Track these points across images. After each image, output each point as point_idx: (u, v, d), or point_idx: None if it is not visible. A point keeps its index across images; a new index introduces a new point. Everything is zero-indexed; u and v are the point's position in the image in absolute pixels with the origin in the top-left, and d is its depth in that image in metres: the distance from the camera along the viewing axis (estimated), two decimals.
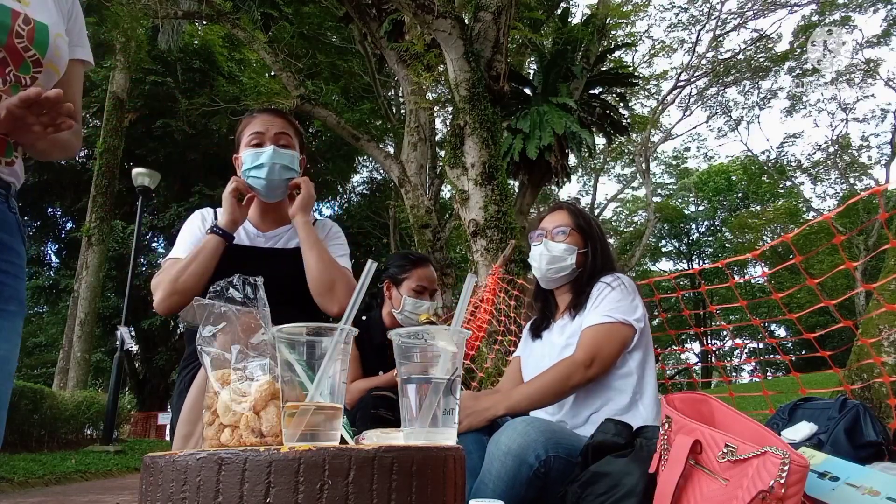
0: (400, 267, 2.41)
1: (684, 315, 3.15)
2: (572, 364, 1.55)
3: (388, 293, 2.43)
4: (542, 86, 11.16)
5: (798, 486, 0.99)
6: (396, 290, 2.39)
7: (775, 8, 17.08)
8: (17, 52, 1.10)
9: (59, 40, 1.17)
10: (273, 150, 1.65)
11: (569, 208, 1.85)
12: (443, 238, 9.20)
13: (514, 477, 1.37)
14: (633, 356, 1.63)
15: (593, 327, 1.59)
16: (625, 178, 26.37)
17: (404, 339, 0.89)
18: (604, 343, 1.57)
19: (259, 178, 1.65)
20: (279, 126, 1.69)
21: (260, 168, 1.65)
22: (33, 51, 1.12)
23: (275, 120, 1.70)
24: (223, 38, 16.26)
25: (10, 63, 1.09)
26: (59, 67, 1.19)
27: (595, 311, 1.63)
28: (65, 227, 19.64)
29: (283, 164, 1.66)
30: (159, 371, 18.51)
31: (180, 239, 1.71)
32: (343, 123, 10.00)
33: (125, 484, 6.47)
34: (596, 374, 1.55)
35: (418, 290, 2.35)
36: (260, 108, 1.91)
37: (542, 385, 1.56)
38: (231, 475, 0.71)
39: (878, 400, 1.95)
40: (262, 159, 1.64)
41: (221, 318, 0.89)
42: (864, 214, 17.29)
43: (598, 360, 1.55)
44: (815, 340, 2.14)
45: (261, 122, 1.69)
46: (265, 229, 1.76)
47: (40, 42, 1.12)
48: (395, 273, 2.41)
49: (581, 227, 1.79)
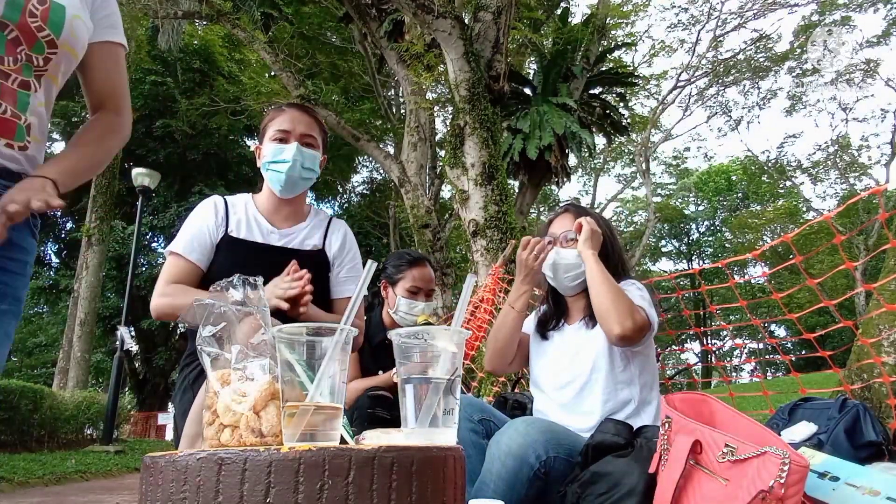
0: (396, 267, 2.37)
1: (684, 315, 3.16)
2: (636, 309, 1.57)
3: (385, 293, 2.41)
4: (542, 86, 11.15)
5: (798, 486, 0.99)
6: (392, 290, 2.36)
7: (775, 8, 17.07)
8: (31, 32, 1.08)
9: (77, 22, 1.15)
10: (297, 147, 1.64)
11: (574, 210, 1.81)
12: (443, 238, 9.20)
13: (515, 477, 1.37)
14: (640, 363, 1.63)
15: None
16: (625, 178, 26.36)
17: (404, 339, 0.89)
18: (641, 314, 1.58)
19: (279, 172, 1.65)
20: (306, 125, 1.68)
21: (282, 164, 1.64)
22: (48, 31, 1.10)
23: (303, 118, 1.69)
24: (223, 38, 16.27)
25: (23, 42, 1.08)
26: (77, 50, 1.17)
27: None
28: (65, 227, 19.63)
29: (304, 163, 1.66)
30: (159, 371, 18.51)
31: (185, 230, 1.67)
32: (343, 123, 10.00)
33: (125, 484, 6.46)
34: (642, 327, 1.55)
35: (412, 290, 2.31)
36: (289, 102, 1.90)
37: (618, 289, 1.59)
38: (231, 475, 0.71)
39: (878, 400, 1.95)
40: (285, 155, 1.64)
41: (221, 318, 0.89)
42: (864, 214, 17.29)
43: (644, 325, 1.55)
44: (815, 340, 2.14)
45: (289, 119, 1.67)
46: (280, 226, 1.73)
47: (55, 22, 1.10)
48: (391, 273, 2.38)
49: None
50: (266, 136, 1.70)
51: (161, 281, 1.62)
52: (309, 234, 1.74)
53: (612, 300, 1.56)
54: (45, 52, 1.11)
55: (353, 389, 2.21)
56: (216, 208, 1.70)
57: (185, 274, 1.62)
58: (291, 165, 1.63)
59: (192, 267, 1.63)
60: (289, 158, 1.63)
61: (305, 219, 1.78)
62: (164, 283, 1.61)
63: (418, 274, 2.34)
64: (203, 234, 1.65)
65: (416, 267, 2.35)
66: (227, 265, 1.56)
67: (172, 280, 1.61)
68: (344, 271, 1.76)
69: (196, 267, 1.64)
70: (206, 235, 1.66)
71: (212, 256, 1.66)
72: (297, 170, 1.65)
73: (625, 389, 1.61)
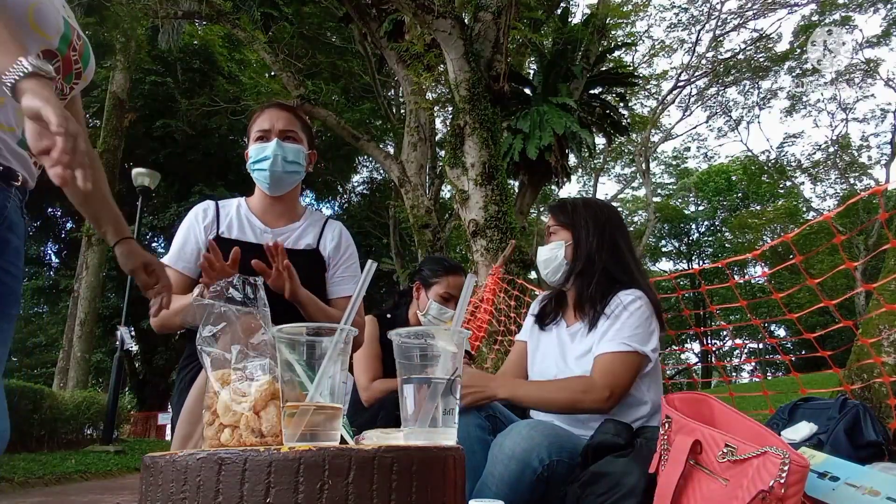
0: (433, 271, 2.45)
1: (684, 315, 3.15)
2: (590, 388, 1.49)
3: (417, 294, 2.48)
4: (542, 86, 11.14)
5: (798, 486, 0.99)
6: (425, 292, 2.44)
7: (775, 8, 17.08)
8: (70, 64, 1.17)
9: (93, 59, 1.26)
10: (277, 143, 1.66)
11: (552, 206, 1.83)
12: (443, 238, 9.21)
13: (517, 480, 1.36)
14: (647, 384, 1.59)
15: (610, 355, 1.53)
16: (625, 178, 26.39)
17: (404, 339, 0.89)
18: (621, 372, 1.51)
19: (263, 170, 1.66)
20: (285, 121, 1.69)
21: (264, 161, 1.66)
22: (80, 64, 1.20)
23: (281, 114, 1.70)
24: (223, 38, 16.27)
25: (62, 72, 1.17)
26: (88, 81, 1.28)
27: (613, 334, 1.55)
28: (65, 227, 19.64)
29: (286, 157, 1.66)
30: (159, 371, 18.51)
31: (174, 240, 1.71)
32: (343, 123, 10.00)
33: (125, 484, 6.46)
34: (610, 407, 1.50)
35: (445, 296, 2.39)
36: (268, 102, 1.92)
37: (553, 396, 1.52)
38: (231, 475, 0.71)
39: (878, 400, 1.94)
40: (266, 152, 1.66)
41: (221, 318, 0.89)
42: (864, 214, 17.29)
43: (615, 395, 1.49)
44: (815, 340, 2.14)
45: (267, 118, 1.69)
46: (273, 225, 1.73)
47: (86, 57, 1.21)
48: (427, 276, 2.45)
49: (563, 220, 1.74)
50: (250, 137, 1.72)
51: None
52: (303, 233, 1.75)
53: (561, 406, 1.52)
54: (72, 82, 1.21)
55: (377, 390, 2.25)
56: (205, 213, 1.72)
57: (175, 284, 1.62)
58: (273, 161, 1.65)
59: (181, 277, 1.65)
60: (269, 155, 1.65)
61: (300, 218, 1.78)
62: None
63: (454, 282, 2.42)
64: (189, 242, 1.67)
65: (452, 275, 2.43)
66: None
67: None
68: (340, 271, 1.77)
69: (184, 276, 1.66)
70: (192, 243, 1.67)
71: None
72: (279, 165, 1.66)
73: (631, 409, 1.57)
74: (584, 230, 1.69)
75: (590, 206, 1.76)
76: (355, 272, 1.79)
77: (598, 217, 1.71)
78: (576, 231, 1.70)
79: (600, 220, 1.71)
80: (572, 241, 1.70)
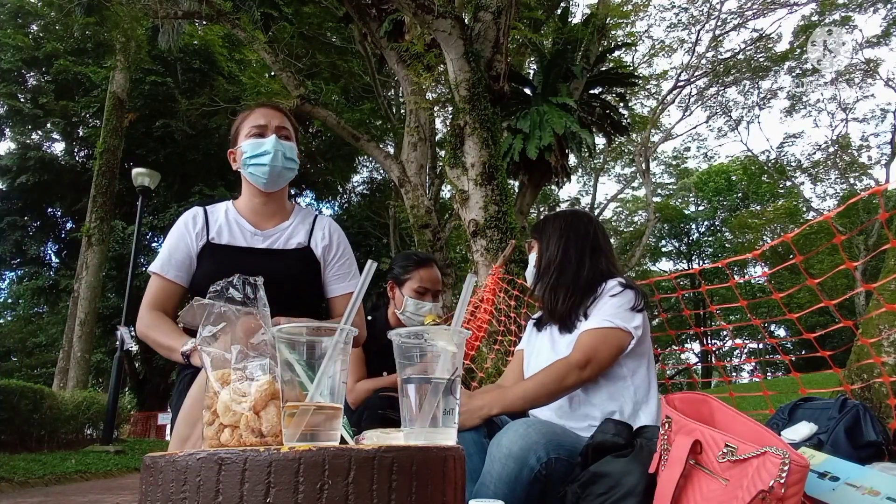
0: (403, 267, 2.40)
1: (684, 315, 3.16)
2: (567, 365, 1.55)
3: (391, 293, 2.43)
4: (542, 86, 11.15)
5: (798, 486, 0.99)
6: (399, 290, 2.38)
7: (775, 8, 17.08)
8: None
9: None
10: (275, 139, 1.65)
11: (532, 228, 1.93)
12: (443, 238, 9.20)
13: (515, 479, 1.36)
14: (633, 365, 1.61)
15: (591, 331, 1.59)
16: (625, 178, 26.36)
17: (404, 339, 0.89)
18: (600, 346, 1.56)
19: (262, 164, 1.65)
20: (280, 120, 1.70)
21: (263, 156, 1.64)
22: None
23: (275, 114, 1.71)
24: (223, 38, 16.29)
25: None
26: None
27: (596, 315, 1.62)
28: (65, 227, 19.65)
29: (286, 153, 1.66)
30: (159, 371, 18.51)
31: (163, 248, 1.69)
32: (343, 123, 10.00)
33: (125, 484, 6.46)
34: (590, 376, 1.54)
35: (420, 291, 2.34)
36: (258, 102, 1.92)
37: (537, 384, 1.55)
38: (231, 475, 0.71)
39: (878, 400, 1.95)
40: (266, 147, 1.65)
41: (221, 318, 0.89)
42: (864, 214, 17.28)
43: (593, 363, 1.54)
44: (815, 340, 2.14)
45: (262, 115, 1.69)
46: (262, 227, 1.72)
47: None
48: (398, 274, 2.40)
49: (535, 235, 1.84)
50: (241, 135, 1.70)
51: (144, 302, 1.63)
52: (293, 232, 1.74)
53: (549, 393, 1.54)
54: None
55: (362, 390, 2.22)
56: (194, 220, 1.70)
57: (165, 292, 1.63)
58: (273, 156, 1.64)
59: (171, 285, 1.64)
60: (270, 149, 1.64)
61: (289, 217, 1.77)
62: (145, 306, 1.62)
63: (426, 274, 2.36)
64: (179, 250, 1.66)
65: (423, 267, 2.38)
66: (212, 272, 1.55)
67: (154, 300, 1.62)
68: (335, 268, 1.76)
69: (174, 284, 1.65)
70: (181, 250, 1.66)
71: (193, 268, 1.66)
72: (279, 160, 1.65)
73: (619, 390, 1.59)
74: (546, 241, 1.79)
75: (558, 217, 1.84)
76: (350, 268, 1.79)
77: (560, 227, 1.79)
78: (541, 243, 1.81)
79: (563, 230, 1.78)
80: (538, 253, 1.81)
